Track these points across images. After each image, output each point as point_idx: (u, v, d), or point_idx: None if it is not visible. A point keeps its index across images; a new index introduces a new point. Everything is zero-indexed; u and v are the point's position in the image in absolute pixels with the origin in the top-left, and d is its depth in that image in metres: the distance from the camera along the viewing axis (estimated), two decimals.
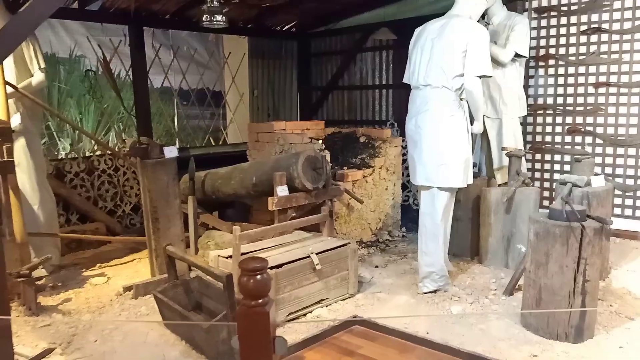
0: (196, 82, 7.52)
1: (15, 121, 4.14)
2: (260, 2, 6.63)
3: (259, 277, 1.76)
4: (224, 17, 4.45)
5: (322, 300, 3.71)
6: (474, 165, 5.03)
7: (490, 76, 3.89)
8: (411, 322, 3.43)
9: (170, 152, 4.20)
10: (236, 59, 7.67)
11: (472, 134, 3.99)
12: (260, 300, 1.76)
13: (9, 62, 4.14)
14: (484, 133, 4.91)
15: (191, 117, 7.61)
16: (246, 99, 7.73)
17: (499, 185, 4.73)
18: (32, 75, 4.36)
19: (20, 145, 4.23)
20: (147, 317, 3.63)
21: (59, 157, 6.24)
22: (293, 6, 6.83)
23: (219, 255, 3.70)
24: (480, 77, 3.76)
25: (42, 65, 4.34)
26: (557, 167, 5.56)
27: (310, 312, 3.62)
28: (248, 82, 7.67)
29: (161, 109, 7.19)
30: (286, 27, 7.85)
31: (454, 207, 4.12)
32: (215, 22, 4.39)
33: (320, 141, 5.40)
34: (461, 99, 3.84)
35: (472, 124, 3.95)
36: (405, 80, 4.10)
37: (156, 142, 4.25)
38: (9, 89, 4.02)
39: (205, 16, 4.41)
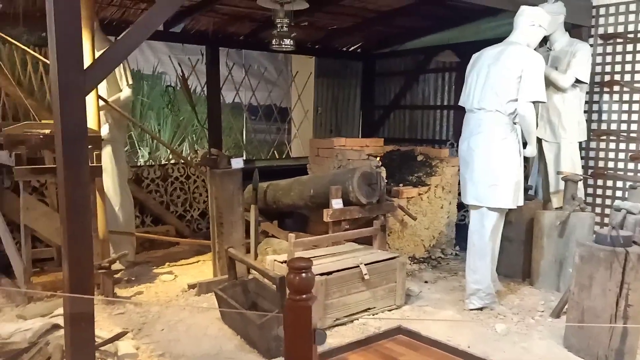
0: (264, 99, 7.97)
1: (105, 131, 4.66)
2: (328, 24, 6.99)
3: (304, 275, 2.03)
4: (292, 41, 4.79)
5: (369, 308, 3.91)
6: (530, 188, 5.07)
7: (544, 102, 3.99)
8: (454, 336, 3.56)
9: (237, 163, 4.57)
10: (303, 77, 8.06)
11: (525, 157, 4.09)
12: (304, 296, 2.02)
13: None
14: (542, 156, 4.96)
15: (258, 131, 8.06)
16: (310, 115, 8.09)
17: (555, 209, 4.75)
18: (121, 90, 4.89)
19: (107, 152, 4.74)
20: (208, 313, 3.96)
21: (138, 164, 6.82)
22: (359, 29, 7.14)
23: (275, 260, 3.99)
24: (533, 102, 3.86)
25: (130, 82, 4.87)
26: (618, 193, 5.46)
27: (357, 319, 3.83)
28: (313, 100, 8.04)
29: (231, 123, 7.68)
30: (352, 48, 8.17)
31: (506, 228, 4.21)
32: (283, 46, 4.74)
33: (378, 158, 5.61)
34: (514, 123, 3.95)
35: (524, 147, 4.05)
36: (460, 103, 4.26)
37: (224, 154, 4.64)
38: (101, 102, 4.54)
39: (274, 40, 4.77)
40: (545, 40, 4.71)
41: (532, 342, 3.46)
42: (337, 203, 4.50)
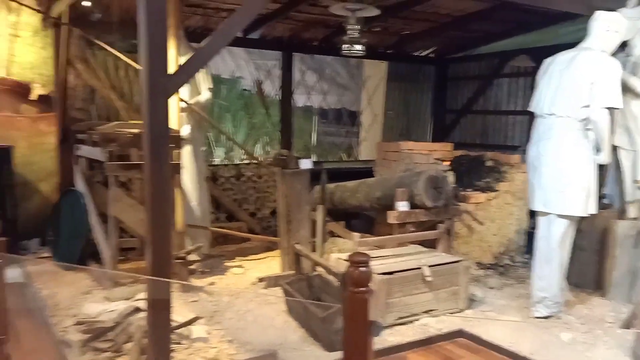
0: (335, 102, 8.16)
1: (185, 131, 5.00)
2: (400, 29, 7.06)
3: (362, 269, 2.15)
4: (362, 47, 4.91)
5: (430, 310, 3.96)
6: (604, 196, 4.89)
7: (619, 108, 3.86)
8: (517, 342, 3.53)
9: (305, 164, 4.76)
10: (374, 81, 8.17)
11: (600, 164, 3.99)
12: (363, 289, 2.15)
13: None
14: (618, 164, 4.77)
15: (328, 134, 8.26)
16: (380, 119, 8.18)
17: (631, 218, 4.57)
18: (200, 93, 5.22)
19: (187, 151, 5.07)
20: (274, 305, 4.15)
21: (214, 163, 7.20)
22: (432, 34, 7.15)
23: (338, 258, 4.12)
24: (608, 108, 3.76)
25: (210, 86, 5.20)
26: None
27: (418, 319, 3.89)
28: (383, 103, 8.13)
29: (302, 126, 7.92)
30: (425, 53, 8.18)
31: (578, 236, 4.11)
32: (352, 51, 4.88)
33: (446, 162, 5.62)
34: (587, 129, 3.86)
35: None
36: (530, 108, 4.21)
37: (294, 155, 4.84)
38: (183, 105, 4.88)
39: (345, 46, 4.92)
40: (624, 45, 4.54)
41: (597, 352, 3.39)
42: (402, 205, 4.58)
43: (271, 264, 5.36)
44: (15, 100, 5.47)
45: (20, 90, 5.48)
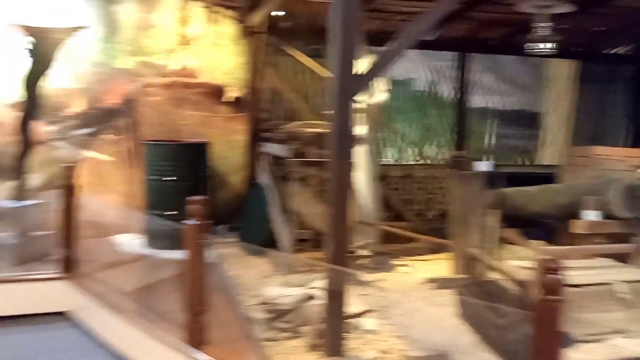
0: (514, 104, 7.71)
1: (362, 131, 5.15)
2: (593, 26, 6.46)
3: (555, 275, 2.06)
4: (553, 45, 4.56)
5: (623, 330, 3.56)
6: None
7: None
8: None
9: (482, 166, 4.61)
10: (559, 81, 7.58)
11: None
12: (555, 297, 2.05)
13: None
14: None
15: (505, 137, 7.82)
16: (565, 121, 7.57)
17: None
18: (376, 95, 5.34)
19: (363, 151, 5.23)
20: (444, 307, 4.05)
21: (385, 163, 7.28)
22: (633, 29, 6.43)
23: (517, 265, 3.91)
24: None
25: (387, 87, 5.30)
26: None
27: (608, 339, 3.52)
28: (570, 105, 7.51)
29: (478, 127, 7.62)
30: (621, 51, 7.39)
31: None
32: (538, 50, 4.56)
33: None
34: None
35: None
36: None
37: (470, 157, 4.71)
38: (361, 106, 5.04)
39: (533, 44, 4.61)
40: None
41: None
42: (592, 215, 4.20)
43: (437, 265, 5.26)
44: (212, 102, 6.18)
45: (216, 93, 6.18)
